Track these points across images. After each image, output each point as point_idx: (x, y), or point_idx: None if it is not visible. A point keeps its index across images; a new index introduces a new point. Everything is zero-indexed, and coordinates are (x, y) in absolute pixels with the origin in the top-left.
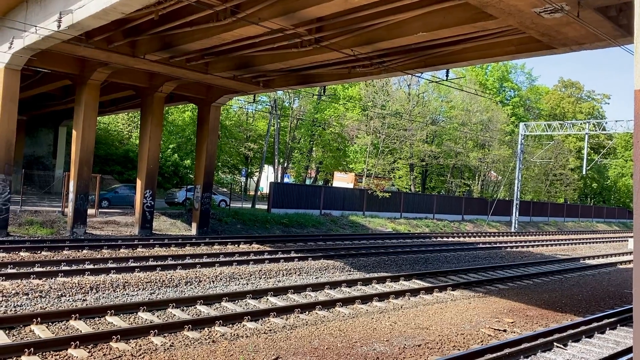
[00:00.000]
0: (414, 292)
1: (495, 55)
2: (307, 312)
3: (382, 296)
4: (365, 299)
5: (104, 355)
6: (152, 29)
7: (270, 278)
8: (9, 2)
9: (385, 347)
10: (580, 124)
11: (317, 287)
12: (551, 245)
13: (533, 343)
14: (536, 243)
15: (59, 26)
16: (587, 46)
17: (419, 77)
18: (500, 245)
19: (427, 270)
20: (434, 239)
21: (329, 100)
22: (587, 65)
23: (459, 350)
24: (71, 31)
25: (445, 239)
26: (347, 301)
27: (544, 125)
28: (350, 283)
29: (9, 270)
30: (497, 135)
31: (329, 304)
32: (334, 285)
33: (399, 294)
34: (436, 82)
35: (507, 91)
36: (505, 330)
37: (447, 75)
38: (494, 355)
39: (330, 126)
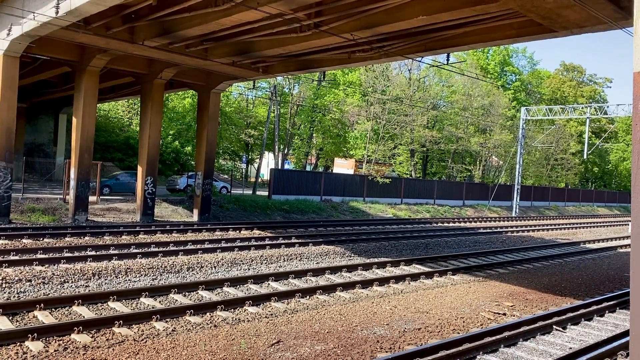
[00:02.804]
0: (414, 276)
1: (496, 39)
2: (308, 297)
3: (383, 281)
4: (366, 283)
5: (107, 340)
6: (151, 15)
7: (272, 263)
8: None
9: (386, 330)
10: (582, 108)
11: (318, 272)
12: (552, 229)
13: (532, 326)
14: (537, 227)
15: (57, 12)
16: (588, 29)
17: (420, 61)
18: (501, 230)
19: (428, 255)
20: (435, 225)
21: (328, 86)
22: (589, 48)
23: (459, 333)
24: (69, 17)
25: (446, 224)
26: (348, 286)
27: (545, 109)
28: (351, 268)
29: (12, 257)
30: (499, 120)
31: (329, 289)
32: (335, 270)
33: (399, 278)
34: (437, 66)
35: (509, 75)
36: (504, 314)
37: (447, 60)
38: (494, 338)
39: (330, 112)
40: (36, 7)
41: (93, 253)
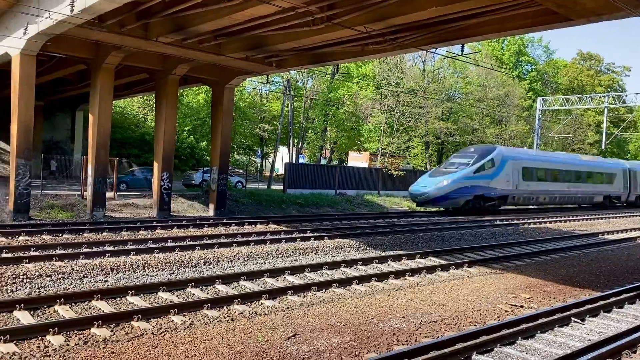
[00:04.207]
0: (430, 269)
1: (511, 29)
2: (323, 290)
3: (398, 274)
4: (381, 276)
5: (126, 334)
6: (164, 11)
7: (287, 257)
8: None
9: (402, 323)
10: (600, 97)
11: (334, 265)
12: (569, 221)
13: (550, 318)
14: (554, 219)
15: (71, 10)
16: (606, 17)
17: (434, 52)
18: (518, 221)
19: (444, 248)
20: (451, 216)
21: (342, 79)
22: (606, 37)
23: (476, 326)
24: (84, 15)
25: (462, 216)
26: (363, 279)
27: (562, 99)
28: (366, 261)
29: (32, 253)
30: (514, 110)
31: (345, 282)
32: (350, 263)
33: (415, 271)
34: (451, 57)
35: (524, 65)
36: (522, 306)
37: (462, 51)
38: (511, 330)
39: (344, 105)
40: (51, 6)
41: (111, 248)
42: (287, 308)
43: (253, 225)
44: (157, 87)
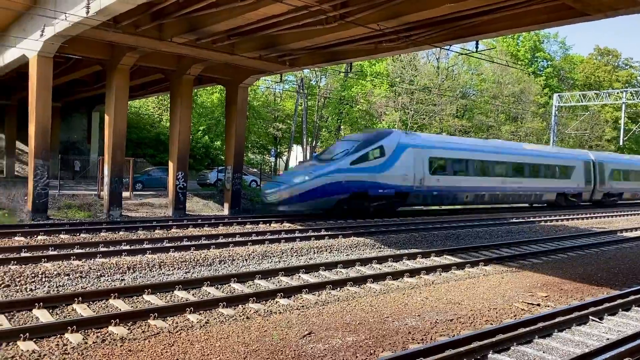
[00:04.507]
0: (446, 267)
1: (526, 25)
2: (338, 288)
3: (413, 272)
4: (396, 274)
5: (143, 332)
6: (178, 11)
7: (302, 256)
8: None
9: (417, 321)
10: (617, 93)
11: (348, 263)
12: (587, 218)
13: (568, 317)
14: (571, 216)
15: (87, 12)
16: (623, 11)
17: (448, 49)
18: (534, 219)
19: (459, 246)
20: (465, 215)
21: (356, 77)
22: (624, 31)
23: (492, 324)
24: (99, 16)
25: (477, 214)
26: (378, 277)
27: (579, 95)
28: (381, 260)
29: (51, 252)
30: (530, 107)
31: (360, 280)
32: (365, 261)
33: (430, 269)
34: (465, 54)
35: (540, 61)
36: (539, 305)
37: (476, 47)
38: (528, 329)
39: (357, 104)
40: (67, 8)
41: (127, 247)
42: (302, 306)
43: (267, 224)
44: (171, 87)
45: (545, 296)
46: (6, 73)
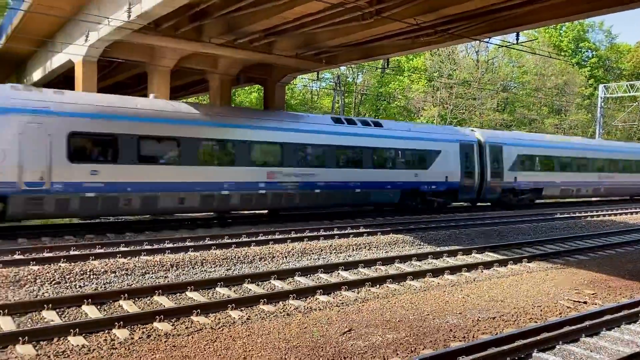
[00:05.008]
0: (487, 264)
1: (568, 15)
2: (378, 286)
3: (454, 269)
4: (437, 272)
5: (186, 328)
6: (217, 12)
7: (341, 253)
8: None
9: (459, 319)
10: None
11: (387, 261)
12: (636, 213)
13: (616, 315)
14: (619, 211)
15: (129, 16)
16: None
17: (487, 42)
18: (580, 214)
19: (501, 243)
20: (508, 210)
21: (393, 73)
22: None
23: (536, 322)
24: (140, 20)
25: (519, 210)
26: (418, 274)
27: (626, 85)
28: (421, 257)
29: (98, 250)
30: (574, 99)
31: (399, 277)
32: (404, 259)
33: (471, 266)
34: (506, 46)
35: (584, 52)
36: (585, 302)
37: (517, 39)
38: (574, 327)
39: (395, 99)
40: (110, 13)
41: (171, 245)
42: (342, 303)
43: (306, 221)
44: (210, 87)
45: (592, 294)
46: (54, 78)
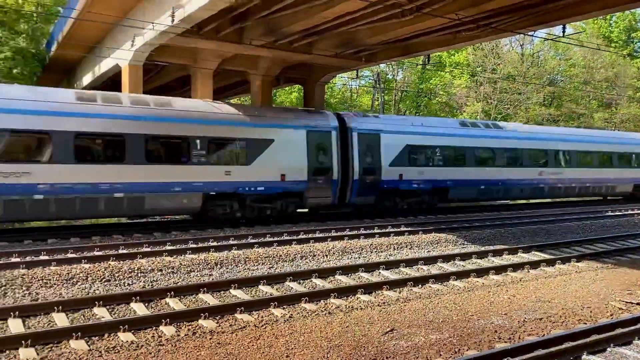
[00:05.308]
0: (534, 264)
1: (618, 5)
2: (420, 285)
3: (499, 269)
4: (481, 272)
5: (230, 325)
6: (257, 14)
7: (381, 252)
8: (129, 2)
9: (504, 320)
10: None
11: (430, 260)
12: None
13: None
14: None
15: (172, 21)
16: None
17: (532, 35)
18: (633, 212)
19: (548, 242)
20: (556, 209)
21: (434, 68)
22: None
23: (586, 324)
24: (184, 24)
25: (568, 208)
26: (462, 274)
27: None
28: (464, 256)
29: (145, 249)
30: (626, 92)
31: (442, 277)
32: (447, 258)
33: (517, 266)
34: (552, 39)
35: (636, 42)
36: (638, 304)
37: (563, 31)
38: (626, 329)
39: (436, 96)
40: (154, 18)
41: (215, 244)
42: (383, 303)
43: (346, 220)
44: (251, 88)
45: None
46: (102, 82)
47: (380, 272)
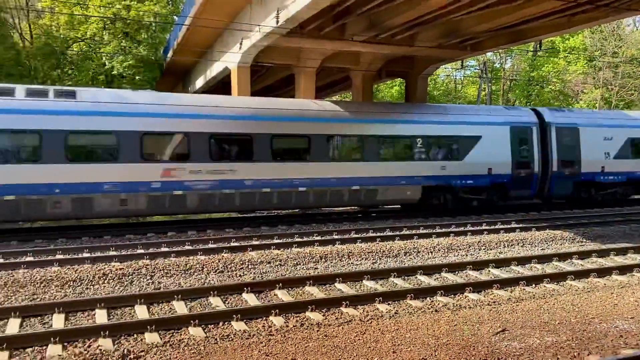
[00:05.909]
0: None
1: None
2: (533, 285)
3: (624, 269)
4: (602, 272)
5: (336, 319)
6: (358, 9)
7: (490, 249)
8: (237, 6)
9: (630, 324)
10: None
11: (544, 258)
12: None
13: None
14: None
15: (277, 22)
16: None
17: None
18: None
19: None
20: None
21: (546, 55)
22: None
23: None
24: (288, 25)
25: None
26: (580, 274)
27: None
28: (583, 255)
29: (254, 242)
30: None
31: (558, 277)
32: (564, 257)
33: None
34: None
35: None
36: None
37: None
38: None
39: (549, 84)
40: (260, 20)
41: (319, 238)
42: (493, 302)
43: (451, 216)
44: (352, 84)
45: None
46: (213, 84)
47: (489, 270)
